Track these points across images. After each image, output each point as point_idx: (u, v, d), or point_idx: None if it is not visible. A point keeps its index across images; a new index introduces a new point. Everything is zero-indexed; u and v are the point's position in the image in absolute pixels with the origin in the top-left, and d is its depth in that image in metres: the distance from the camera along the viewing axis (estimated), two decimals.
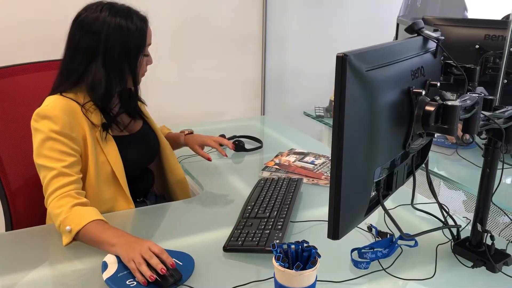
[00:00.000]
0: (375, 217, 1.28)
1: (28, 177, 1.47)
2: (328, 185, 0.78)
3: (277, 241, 1.12)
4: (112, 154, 1.30)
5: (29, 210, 1.47)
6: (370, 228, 1.22)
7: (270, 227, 1.18)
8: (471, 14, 3.08)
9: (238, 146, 1.78)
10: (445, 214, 1.16)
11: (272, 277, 0.91)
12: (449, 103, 0.87)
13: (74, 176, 1.20)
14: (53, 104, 1.22)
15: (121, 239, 1.08)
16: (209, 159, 1.55)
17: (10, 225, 1.43)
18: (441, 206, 1.16)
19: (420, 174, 1.14)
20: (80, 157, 1.24)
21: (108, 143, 1.30)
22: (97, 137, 1.27)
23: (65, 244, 1.13)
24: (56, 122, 1.20)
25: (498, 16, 2.30)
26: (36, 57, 1.55)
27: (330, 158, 1.66)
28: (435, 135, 0.98)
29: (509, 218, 1.27)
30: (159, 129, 1.53)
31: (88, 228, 1.11)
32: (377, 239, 1.19)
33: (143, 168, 1.49)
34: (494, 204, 1.13)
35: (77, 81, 1.26)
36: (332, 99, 1.25)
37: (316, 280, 0.88)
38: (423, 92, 0.88)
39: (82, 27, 1.24)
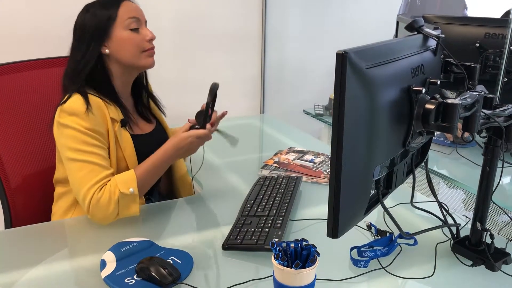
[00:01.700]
0: (375, 216, 1.28)
1: (28, 175, 1.47)
2: (328, 183, 0.78)
3: (276, 239, 1.12)
4: (128, 151, 1.31)
5: (28, 208, 1.47)
6: (369, 226, 1.22)
7: (269, 225, 1.17)
8: (471, 12, 3.08)
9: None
10: (445, 213, 1.16)
11: (271, 276, 0.91)
12: (449, 101, 0.86)
13: (110, 169, 1.24)
14: (77, 100, 1.23)
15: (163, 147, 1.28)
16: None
17: (10, 223, 1.43)
18: (440, 205, 1.15)
19: (419, 173, 1.14)
20: (108, 151, 1.27)
21: (125, 140, 1.30)
22: (115, 132, 1.28)
23: (140, 206, 1.25)
24: (85, 119, 1.21)
25: (498, 15, 2.30)
26: (36, 54, 1.55)
27: (329, 156, 1.66)
28: (435, 133, 0.98)
29: (509, 217, 1.27)
30: (170, 131, 1.53)
31: (139, 174, 1.23)
32: (376, 237, 1.19)
33: None
34: (494, 203, 1.13)
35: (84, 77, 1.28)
36: (332, 97, 1.25)
37: (315, 279, 0.88)
38: (423, 90, 0.88)
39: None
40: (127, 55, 1.31)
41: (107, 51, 1.28)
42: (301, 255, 0.89)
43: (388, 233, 1.17)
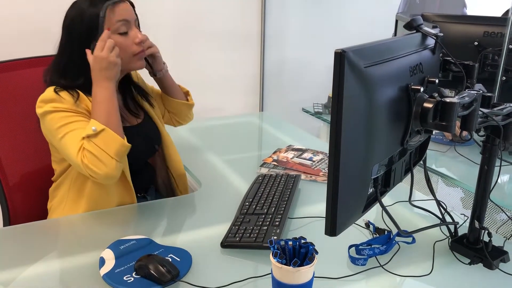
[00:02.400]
0: (373, 214, 1.28)
1: (26, 173, 1.47)
2: (326, 181, 0.78)
3: (275, 237, 1.12)
4: None
5: (26, 205, 1.47)
6: (367, 224, 1.23)
7: (267, 223, 1.18)
8: (470, 11, 3.08)
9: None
10: (443, 211, 1.16)
11: (270, 273, 0.91)
12: (448, 100, 0.86)
13: None
14: (51, 89, 1.24)
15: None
16: None
17: (8, 221, 1.43)
18: (438, 203, 1.16)
19: (418, 171, 1.14)
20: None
21: None
22: None
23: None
24: (62, 101, 1.22)
25: (497, 13, 2.30)
26: (33, 52, 1.55)
27: (328, 154, 1.66)
28: (433, 132, 0.98)
29: (507, 215, 1.27)
30: (161, 122, 1.52)
31: (93, 114, 1.21)
32: (374, 235, 1.19)
33: (144, 161, 1.48)
34: (492, 201, 1.14)
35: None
36: (331, 95, 1.24)
37: (313, 277, 0.88)
38: (422, 89, 0.88)
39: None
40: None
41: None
42: (299, 253, 0.89)
43: (386, 231, 1.18)
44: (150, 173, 1.52)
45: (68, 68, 1.27)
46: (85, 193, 1.30)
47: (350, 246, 1.11)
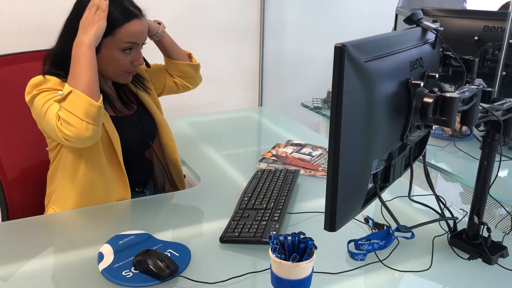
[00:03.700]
0: (372, 209, 1.28)
1: (24, 168, 1.47)
2: (325, 176, 0.78)
3: (274, 232, 1.12)
4: (109, 129, 1.29)
5: (25, 200, 1.47)
6: (366, 219, 1.22)
7: (266, 218, 1.18)
8: (470, 5, 3.07)
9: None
10: (442, 206, 1.16)
11: (269, 269, 0.91)
12: (448, 94, 0.86)
13: None
14: (44, 74, 1.23)
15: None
16: None
17: (6, 216, 1.43)
18: (438, 198, 1.16)
19: (417, 166, 1.14)
20: None
21: (105, 119, 1.29)
22: None
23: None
24: (47, 83, 1.21)
25: (497, 8, 2.29)
26: (31, 46, 1.54)
27: (327, 149, 1.66)
28: (433, 127, 0.97)
29: (506, 211, 1.27)
30: (158, 113, 1.50)
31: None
32: (373, 230, 1.19)
33: (140, 153, 1.47)
34: (491, 197, 1.13)
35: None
36: (330, 90, 1.23)
37: (312, 272, 0.88)
38: (422, 84, 0.88)
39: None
40: (107, 71, 1.31)
41: None
42: (298, 248, 0.89)
43: (385, 227, 1.18)
44: (148, 167, 1.51)
45: (64, 59, 1.25)
46: (77, 180, 1.29)
47: (349, 241, 1.11)
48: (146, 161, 1.50)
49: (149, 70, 1.55)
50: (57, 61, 1.28)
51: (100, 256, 1.04)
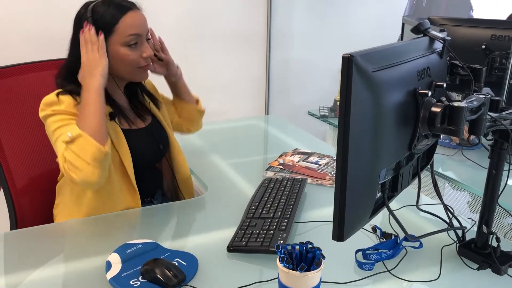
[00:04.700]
0: (380, 218, 1.27)
1: (33, 176, 1.48)
2: (333, 185, 0.78)
3: (281, 241, 1.11)
4: (120, 144, 1.30)
5: (33, 209, 1.47)
6: (374, 229, 1.22)
7: (274, 227, 1.17)
8: (477, 14, 3.07)
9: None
10: (450, 216, 1.15)
11: (276, 278, 0.91)
12: (455, 104, 0.86)
13: None
14: (53, 93, 1.25)
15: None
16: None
17: (15, 224, 1.43)
18: (446, 207, 1.15)
19: (425, 175, 1.13)
20: None
21: (114, 133, 1.30)
22: None
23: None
24: (61, 104, 1.23)
25: (505, 16, 2.29)
26: (42, 56, 1.55)
27: (334, 158, 1.66)
28: (441, 136, 0.97)
29: None
30: (169, 126, 1.52)
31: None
32: (381, 240, 1.18)
33: (151, 165, 1.48)
34: (500, 206, 1.13)
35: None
36: (337, 99, 1.23)
37: (320, 282, 0.88)
38: (429, 93, 0.88)
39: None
40: (121, 70, 1.32)
41: None
42: (306, 258, 0.89)
43: (393, 236, 1.17)
44: (157, 178, 1.52)
45: (73, 74, 1.28)
46: (86, 195, 1.30)
47: (357, 251, 1.11)
48: (156, 172, 1.51)
49: (164, 100, 1.58)
50: (67, 75, 1.30)
51: (108, 265, 1.04)
